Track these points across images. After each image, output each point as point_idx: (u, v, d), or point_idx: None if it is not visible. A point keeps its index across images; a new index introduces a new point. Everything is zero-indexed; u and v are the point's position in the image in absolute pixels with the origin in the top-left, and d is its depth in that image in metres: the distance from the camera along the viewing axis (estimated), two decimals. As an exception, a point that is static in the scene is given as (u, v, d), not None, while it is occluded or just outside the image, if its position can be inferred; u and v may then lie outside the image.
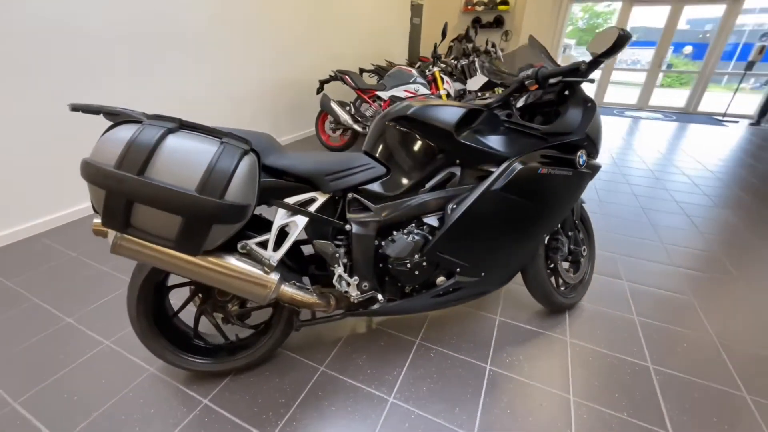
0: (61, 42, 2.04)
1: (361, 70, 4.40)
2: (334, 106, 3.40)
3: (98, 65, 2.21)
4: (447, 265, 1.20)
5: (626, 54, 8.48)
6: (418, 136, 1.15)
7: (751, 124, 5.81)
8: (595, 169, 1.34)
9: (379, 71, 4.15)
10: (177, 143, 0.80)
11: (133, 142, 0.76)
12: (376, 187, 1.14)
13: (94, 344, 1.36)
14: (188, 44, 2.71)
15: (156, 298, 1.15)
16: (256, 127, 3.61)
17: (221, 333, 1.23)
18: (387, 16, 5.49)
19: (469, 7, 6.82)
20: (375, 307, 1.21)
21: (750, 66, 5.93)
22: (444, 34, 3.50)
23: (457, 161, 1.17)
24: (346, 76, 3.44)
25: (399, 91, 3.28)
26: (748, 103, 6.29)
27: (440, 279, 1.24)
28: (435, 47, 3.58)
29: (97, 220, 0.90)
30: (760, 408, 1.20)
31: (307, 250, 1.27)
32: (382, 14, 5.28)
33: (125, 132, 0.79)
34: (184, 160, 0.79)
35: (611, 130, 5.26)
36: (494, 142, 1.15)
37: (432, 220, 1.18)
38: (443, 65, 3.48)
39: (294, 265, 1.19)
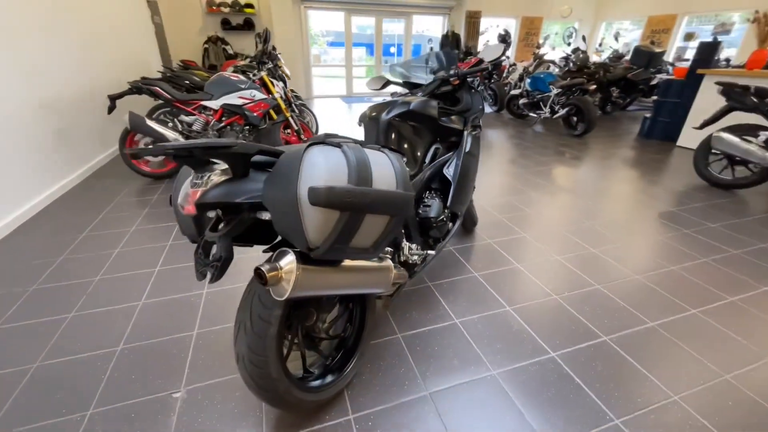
0: None
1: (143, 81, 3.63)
2: (154, 125, 2.81)
3: None
4: (457, 212, 1.69)
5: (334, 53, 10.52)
6: (416, 125, 1.54)
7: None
8: (481, 129, 2.13)
9: (174, 77, 3.60)
10: (371, 155, 0.88)
11: (355, 161, 0.80)
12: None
13: None
14: None
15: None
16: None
17: (304, 361, 1.20)
18: (123, 15, 4.53)
19: (213, 8, 6.52)
20: (425, 262, 1.55)
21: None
22: (266, 41, 3.48)
23: (438, 138, 1.65)
24: (157, 88, 2.88)
25: (233, 99, 3.10)
26: None
27: (450, 225, 1.71)
28: (261, 52, 3.54)
29: (266, 267, 0.81)
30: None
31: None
32: (115, 11, 4.32)
33: (328, 153, 0.80)
34: (383, 166, 0.89)
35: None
36: (453, 122, 1.70)
37: (436, 185, 1.63)
38: (266, 70, 3.50)
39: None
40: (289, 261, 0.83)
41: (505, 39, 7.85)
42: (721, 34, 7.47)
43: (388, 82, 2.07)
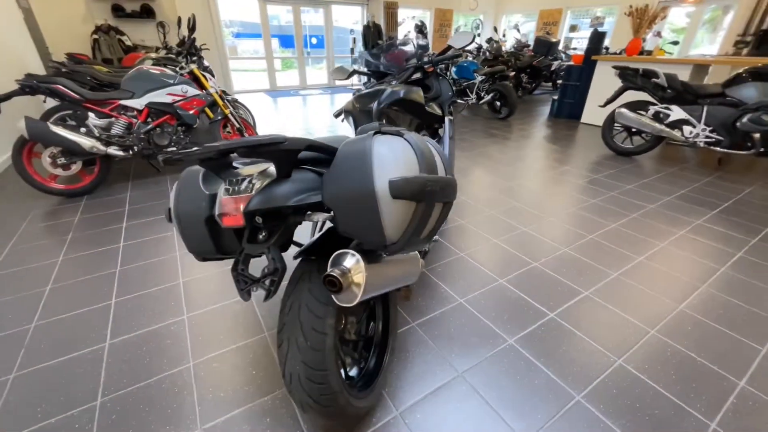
0: None
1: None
2: (61, 131, 2.32)
3: None
4: None
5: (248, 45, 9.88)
6: (406, 112, 1.53)
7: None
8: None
9: (71, 73, 3.00)
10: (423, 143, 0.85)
11: (421, 149, 0.77)
12: None
13: None
14: None
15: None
16: None
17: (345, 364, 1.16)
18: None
19: (98, -9, 5.54)
20: (429, 248, 1.57)
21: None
22: (193, 29, 3.03)
23: (424, 124, 1.66)
24: (60, 86, 2.36)
25: (160, 96, 2.69)
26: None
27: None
28: (186, 41, 3.07)
29: (336, 271, 0.75)
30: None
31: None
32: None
33: (393, 144, 0.75)
34: (434, 154, 0.87)
35: (313, 108, 6.52)
36: (434, 108, 1.73)
37: None
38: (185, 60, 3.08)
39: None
40: (355, 263, 0.78)
41: (421, 30, 8.13)
42: (597, 26, 8.79)
43: (353, 72, 2.01)
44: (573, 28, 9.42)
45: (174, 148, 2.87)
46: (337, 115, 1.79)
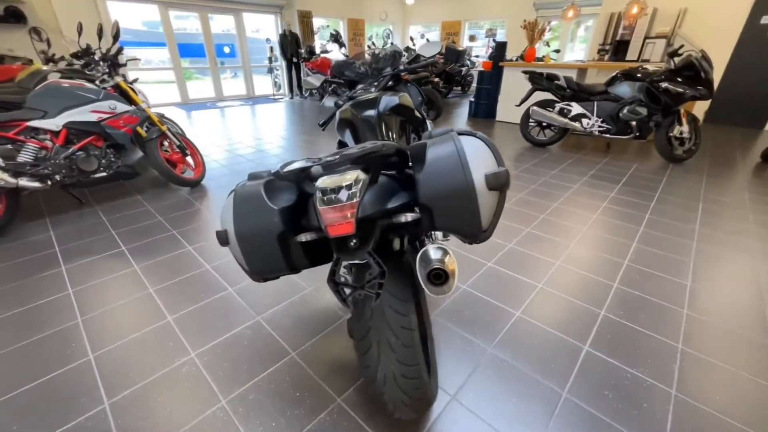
0: None
1: None
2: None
3: None
4: None
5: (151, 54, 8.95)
6: (401, 118, 1.62)
7: (290, 99, 8.72)
8: None
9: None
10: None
11: (493, 145, 0.86)
12: None
13: None
14: None
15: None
16: None
17: None
18: None
19: (-61, -12, 4.41)
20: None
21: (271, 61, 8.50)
22: (117, 37, 2.57)
23: (413, 129, 1.77)
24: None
25: (82, 114, 2.30)
26: (266, 85, 9.06)
27: None
28: (108, 52, 2.61)
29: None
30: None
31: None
32: None
33: (471, 141, 0.83)
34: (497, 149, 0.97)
35: (227, 123, 6.12)
36: (419, 114, 1.85)
37: None
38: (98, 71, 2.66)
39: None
40: (447, 254, 0.83)
41: (337, 39, 8.28)
42: (492, 37, 10.00)
43: (326, 80, 2.02)
44: (472, 38, 10.54)
45: (104, 173, 2.48)
46: (323, 125, 1.79)
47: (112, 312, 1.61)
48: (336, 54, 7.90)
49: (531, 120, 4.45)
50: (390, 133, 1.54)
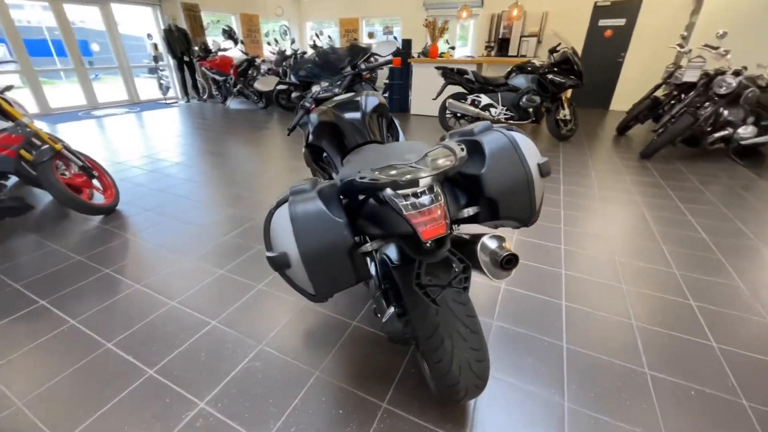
0: None
1: None
2: None
3: None
4: None
5: None
6: (377, 117, 1.64)
7: (186, 102, 7.73)
8: None
9: None
10: None
11: (530, 136, 0.95)
12: None
13: None
14: None
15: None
16: None
17: None
18: None
19: None
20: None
21: (156, 60, 7.34)
22: None
23: (386, 128, 1.80)
24: None
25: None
26: (151, 88, 7.89)
27: None
28: None
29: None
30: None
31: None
32: None
33: (513, 134, 0.91)
34: None
35: (115, 135, 5.20)
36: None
37: None
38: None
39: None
40: (504, 240, 0.90)
41: (231, 35, 7.65)
42: (388, 34, 10.42)
43: (279, 81, 1.93)
44: (371, 35, 10.80)
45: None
46: (291, 130, 1.71)
47: (57, 389, 1.29)
48: (234, 52, 7.29)
49: (447, 112, 4.85)
50: (374, 134, 1.55)
